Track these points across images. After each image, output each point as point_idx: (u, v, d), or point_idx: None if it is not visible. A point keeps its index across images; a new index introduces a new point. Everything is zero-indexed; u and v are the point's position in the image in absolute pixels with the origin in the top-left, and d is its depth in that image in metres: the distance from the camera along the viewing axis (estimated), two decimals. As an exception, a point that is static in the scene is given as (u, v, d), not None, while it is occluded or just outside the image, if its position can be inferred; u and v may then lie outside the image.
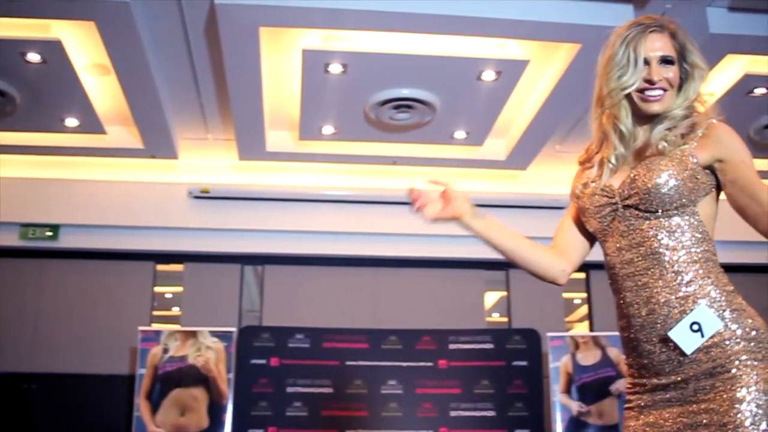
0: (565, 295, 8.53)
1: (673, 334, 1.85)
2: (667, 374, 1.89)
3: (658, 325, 1.88)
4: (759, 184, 1.92)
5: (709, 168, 1.95)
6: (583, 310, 8.56)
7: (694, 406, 1.83)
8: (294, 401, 7.04)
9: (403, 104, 6.22)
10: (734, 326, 1.84)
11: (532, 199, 7.86)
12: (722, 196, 2.00)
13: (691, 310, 1.84)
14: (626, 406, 2.02)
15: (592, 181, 2.07)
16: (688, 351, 1.83)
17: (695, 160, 1.93)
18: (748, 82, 6.06)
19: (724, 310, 1.86)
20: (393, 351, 7.28)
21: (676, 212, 1.92)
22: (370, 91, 6.12)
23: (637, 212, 1.94)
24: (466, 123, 6.73)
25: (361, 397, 7.12)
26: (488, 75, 5.91)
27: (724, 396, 1.78)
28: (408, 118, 6.45)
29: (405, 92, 6.12)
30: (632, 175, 1.97)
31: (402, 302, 7.93)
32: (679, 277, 1.88)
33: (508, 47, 5.75)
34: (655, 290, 1.89)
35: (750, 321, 1.86)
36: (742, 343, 1.82)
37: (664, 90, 1.98)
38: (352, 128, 6.75)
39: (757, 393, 1.76)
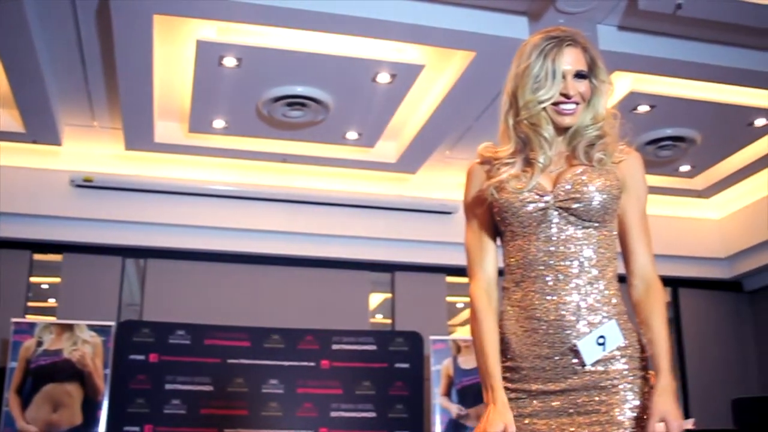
0: (449, 299, 8.63)
1: (581, 345, 1.88)
2: (557, 381, 1.91)
3: (565, 333, 1.90)
4: (643, 230, 2.04)
5: None
6: (466, 314, 8.69)
7: (586, 417, 1.87)
8: (172, 399, 6.89)
9: (296, 102, 6.19)
10: (626, 343, 1.90)
11: (421, 202, 7.94)
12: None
13: (601, 323, 1.88)
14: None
15: (508, 180, 2.05)
16: (589, 362, 1.88)
17: (618, 181, 2.00)
18: (633, 99, 6.28)
19: (623, 328, 1.93)
20: (275, 350, 7.22)
21: (603, 225, 1.97)
22: (264, 86, 6.06)
23: (569, 217, 1.96)
24: (358, 124, 6.74)
25: (241, 396, 7.03)
26: (383, 77, 5.94)
27: (615, 411, 1.85)
28: (301, 116, 6.41)
29: (299, 90, 6.09)
30: (570, 179, 1.99)
31: (286, 301, 7.88)
32: (594, 289, 1.91)
33: (404, 51, 5.79)
34: (569, 297, 1.91)
35: (637, 341, 1.93)
36: (633, 362, 1.90)
37: (577, 104, 2.02)
38: (244, 123, 6.67)
39: (640, 411, 1.86)
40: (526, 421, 1.94)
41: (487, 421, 1.89)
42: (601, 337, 1.88)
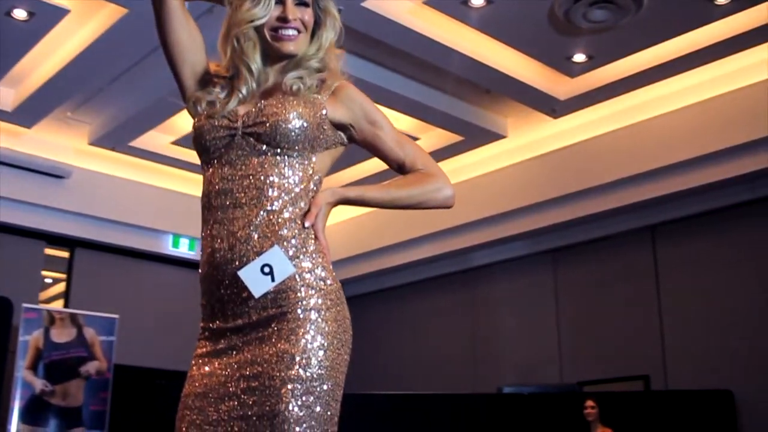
0: (44, 272, 8.10)
1: (242, 274, 1.74)
2: (234, 317, 1.79)
3: (235, 263, 1.77)
4: (402, 144, 1.96)
5: (340, 128, 1.93)
6: (61, 287, 8.18)
7: (249, 354, 1.75)
8: None
9: None
10: (307, 275, 1.81)
11: (31, 161, 7.32)
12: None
13: (266, 251, 1.80)
14: (194, 354, 1.87)
15: (215, 102, 1.90)
16: (257, 294, 1.74)
17: (325, 112, 1.90)
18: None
19: (300, 258, 1.80)
20: None
21: (294, 153, 1.86)
22: None
23: (255, 143, 1.83)
24: (-21, 60, 6.07)
25: None
26: (19, 13, 5.41)
27: (279, 346, 1.72)
28: None
29: None
30: (261, 105, 1.87)
31: None
32: (271, 217, 1.79)
33: (51, -10, 5.35)
34: (242, 225, 1.79)
35: (322, 271, 1.84)
36: (310, 293, 1.79)
37: (299, 31, 1.94)
38: None
39: (310, 344, 1.73)
40: (201, 361, 1.81)
41: None
42: (267, 266, 1.77)
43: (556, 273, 8.29)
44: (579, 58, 6.26)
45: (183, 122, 7.32)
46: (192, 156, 8.02)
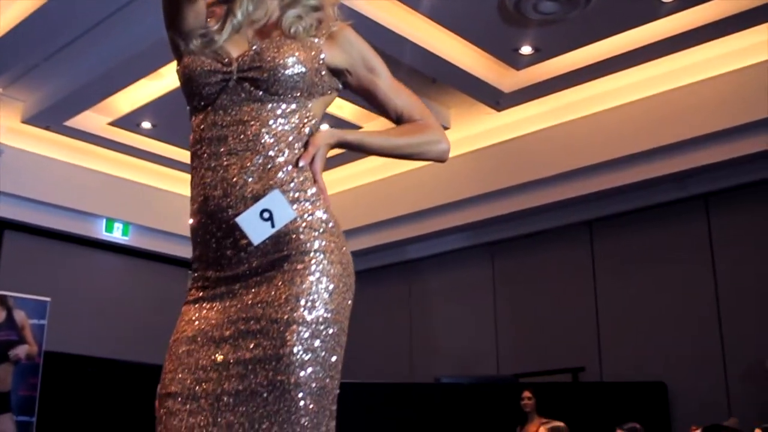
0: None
1: (241, 221, 1.67)
2: (232, 266, 1.71)
3: (230, 210, 1.69)
4: (398, 92, 1.90)
5: (336, 73, 1.86)
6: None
7: (248, 298, 1.66)
8: None
9: None
10: (308, 217, 1.74)
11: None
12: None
13: (264, 195, 1.69)
14: (185, 300, 1.78)
15: (207, 34, 1.79)
16: (256, 241, 1.66)
17: (323, 56, 1.83)
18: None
19: (301, 201, 1.73)
20: None
21: (291, 100, 1.78)
22: None
23: (251, 88, 1.74)
24: None
25: None
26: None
27: (283, 289, 1.65)
28: None
29: None
30: (258, 47, 1.77)
31: None
32: (267, 162, 1.71)
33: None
34: (236, 171, 1.71)
35: (323, 213, 1.76)
36: (313, 235, 1.72)
37: None
38: None
39: (315, 286, 1.67)
40: (196, 306, 1.72)
41: None
42: (266, 211, 1.69)
43: (494, 266, 8.35)
44: (526, 50, 6.30)
45: (121, 103, 7.15)
46: (129, 138, 7.88)
